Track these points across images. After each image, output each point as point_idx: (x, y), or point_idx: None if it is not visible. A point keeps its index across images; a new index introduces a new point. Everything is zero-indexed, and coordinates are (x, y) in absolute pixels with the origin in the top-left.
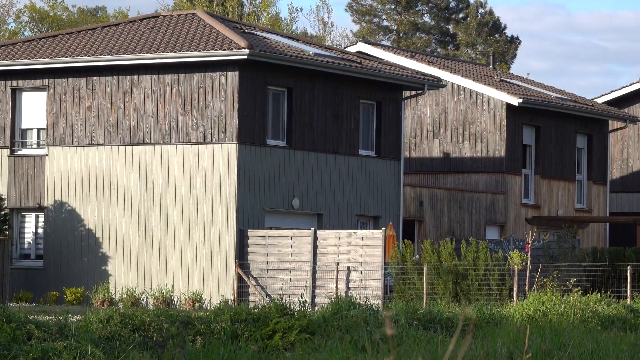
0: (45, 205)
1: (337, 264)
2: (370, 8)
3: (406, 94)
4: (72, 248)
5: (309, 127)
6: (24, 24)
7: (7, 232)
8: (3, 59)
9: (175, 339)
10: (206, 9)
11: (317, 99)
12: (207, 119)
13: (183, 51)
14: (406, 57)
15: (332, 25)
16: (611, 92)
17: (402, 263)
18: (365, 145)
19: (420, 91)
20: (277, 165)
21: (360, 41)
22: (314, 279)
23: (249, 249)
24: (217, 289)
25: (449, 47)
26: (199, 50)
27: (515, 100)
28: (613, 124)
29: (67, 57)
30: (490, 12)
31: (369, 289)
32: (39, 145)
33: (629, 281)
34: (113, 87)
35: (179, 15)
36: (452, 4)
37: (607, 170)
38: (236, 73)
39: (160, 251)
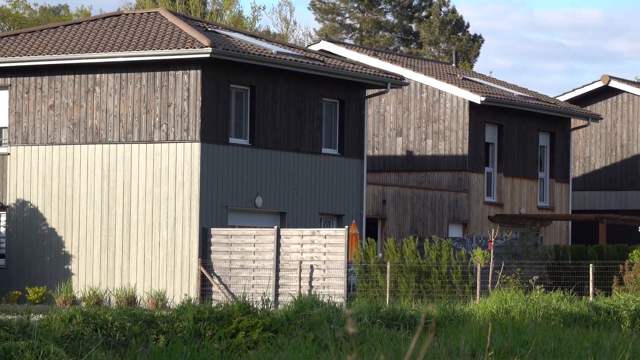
0: (7, 204)
1: (301, 262)
2: (333, 6)
3: (369, 92)
4: (35, 247)
5: (271, 125)
6: None
7: None
8: None
9: (138, 337)
10: (169, 8)
11: (280, 97)
12: (170, 118)
13: (145, 50)
14: (369, 55)
15: (295, 23)
16: (574, 90)
17: (365, 261)
18: (328, 144)
19: (383, 89)
20: (240, 163)
21: (323, 39)
22: (277, 278)
23: (212, 248)
24: (180, 288)
25: (411, 46)
26: (162, 49)
27: (478, 99)
28: (575, 122)
29: (29, 55)
30: (453, 11)
31: (332, 287)
32: (1, 144)
33: (591, 279)
34: (75, 85)
35: (142, 13)
36: (415, 3)
37: (570, 168)
38: (199, 71)
39: (123, 250)
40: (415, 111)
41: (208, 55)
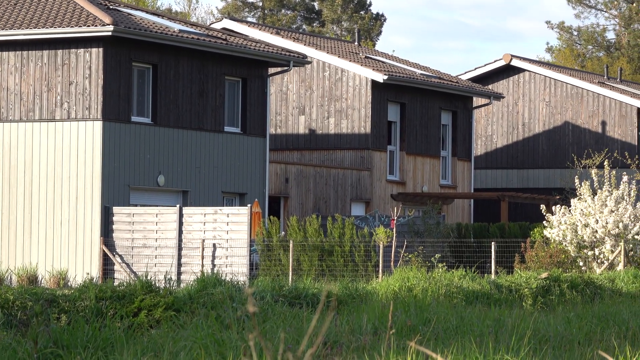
0: None
1: (203, 241)
2: None
3: (271, 70)
4: None
5: (174, 103)
6: None
7: None
8: None
9: (40, 317)
10: None
11: (182, 75)
12: (72, 96)
13: (47, 27)
14: (271, 33)
15: (197, 1)
16: (475, 69)
17: (268, 240)
18: (231, 122)
19: (286, 68)
20: (142, 142)
21: (225, 18)
22: (179, 256)
23: (114, 227)
24: (82, 267)
25: (314, 24)
26: (63, 27)
27: (380, 77)
28: (477, 101)
29: None
30: None
31: (235, 265)
32: None
33: (493, 257)
34: None
35: None
36: None
37: (472, 147)
38: (100, 49)
39: (25, 229)
40: (318, 90)
41: (110, 33)
